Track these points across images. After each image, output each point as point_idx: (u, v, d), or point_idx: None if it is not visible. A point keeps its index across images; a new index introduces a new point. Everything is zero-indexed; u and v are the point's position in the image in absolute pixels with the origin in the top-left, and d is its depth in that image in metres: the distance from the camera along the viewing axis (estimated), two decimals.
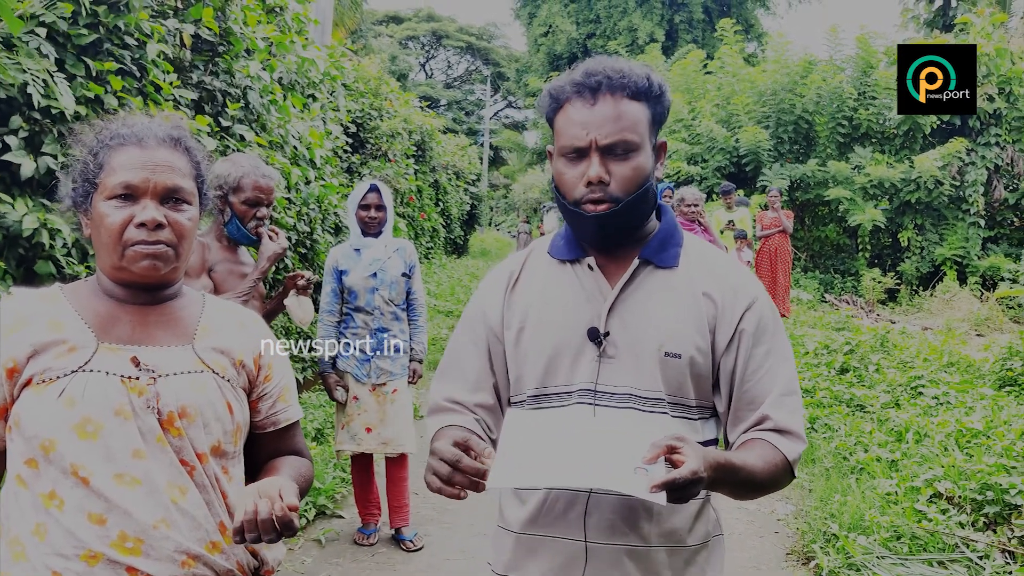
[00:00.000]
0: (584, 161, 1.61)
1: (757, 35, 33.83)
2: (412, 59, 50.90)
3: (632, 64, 1.65)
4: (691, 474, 1.35)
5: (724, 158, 16.97)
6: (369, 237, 4.45)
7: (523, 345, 1.71)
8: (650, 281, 1.68)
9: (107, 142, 1.61)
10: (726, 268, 1.72)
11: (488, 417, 1.76)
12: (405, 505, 4.62)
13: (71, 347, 1.54)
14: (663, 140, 1.71)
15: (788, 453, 1.61)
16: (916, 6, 19.63)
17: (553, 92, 1.66)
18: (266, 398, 1.74)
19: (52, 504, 1.48)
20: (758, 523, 5.07)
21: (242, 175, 3.26)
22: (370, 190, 4.41)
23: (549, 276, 1.74)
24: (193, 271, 3.18)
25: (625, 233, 1.68)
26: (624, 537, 1.62)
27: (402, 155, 11.66)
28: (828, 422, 6.37)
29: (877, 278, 15.56)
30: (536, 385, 1.69)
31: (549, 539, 1.66)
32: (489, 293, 1.80)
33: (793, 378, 1.68)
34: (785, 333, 1.73)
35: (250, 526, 1.43)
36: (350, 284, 4.42)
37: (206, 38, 4.44)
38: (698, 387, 1.66)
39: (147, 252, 1.55)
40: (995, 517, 4.29)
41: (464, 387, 1.78)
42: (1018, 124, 15.84)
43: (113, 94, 3.55)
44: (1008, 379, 7.38)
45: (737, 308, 1.66)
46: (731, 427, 1.69)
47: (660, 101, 1.65)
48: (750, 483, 1.56)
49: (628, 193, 1.60)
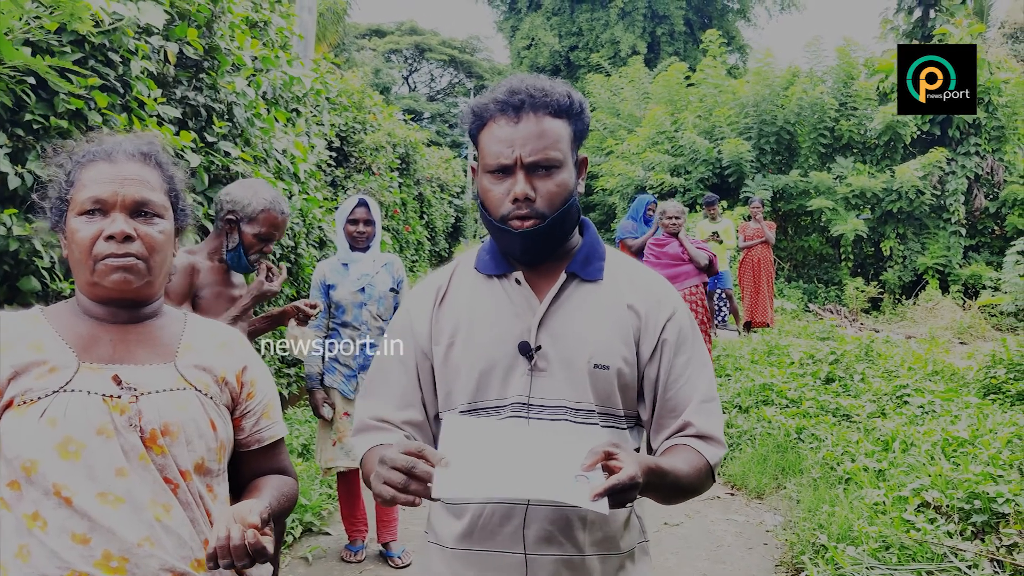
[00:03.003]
0: (509, 178, 1.63)
1: (738, 47, 34.08)
2: (395, 72, 51.00)
3: (553, 82, 1.68)
4: (629, 479, 1.37)
5: (707, 169, 17.04)
6: (357, 252, 4.42)
7: (453, 361, 1.72)
8: (577, 294, 1.72)
9: (79, 160, 1.63)
10: (647, 280, 1.78)
11: (417, 434, 1.76)
12: (393, 520, 4.59)
13: (52, 367, 1.53)
14: (584, 156, 1.76)
15: (710, 457, 1.68)
16: (895, 17, 19.78)
17: (476, 109, 1.68)
18: (249, 415, 1.73)
19: (35, 525, 1.47)
20: (746, 535, 5.07)
21: (261, 208, 3.18)
22: (358, 205, 4.39)
23: (477, 291, 1.76)
24: (177, 296, 3.08)
25: (550, 250, 1.71)
26: (560, 547, 1.65)
27: (386, 168, 11.66)
28: (815, 432, 6.38)
29: (860, 287, 15.65)
30: (468, 400, 1.70)
31: (486, 553, 1.67)
32: (416, 308, 1.80)
33: (712, 385, 1.74)
34: (703, 342, 1.79)
35: (223, 552, 1.43)
36: (337, 299, 4.38)
37: (190, 55, 4.43)
38: (625, 397, 1.70)
39: (117, 265, 1.55)
40: (983, 526, 4.30)
41: (391, 404, 1.77)
42: (997, 134, 16.01)
43: (97, 111, 3.53)
44: (992, 387, 7.41)
45: (660, 319, 1.71)
46: (654, 434, 1.74)
47: (580, 118, 1.69)
48: (677, 487, 1.60)
49: (554, 209, 1.64)
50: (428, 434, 1.78)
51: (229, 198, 3.22)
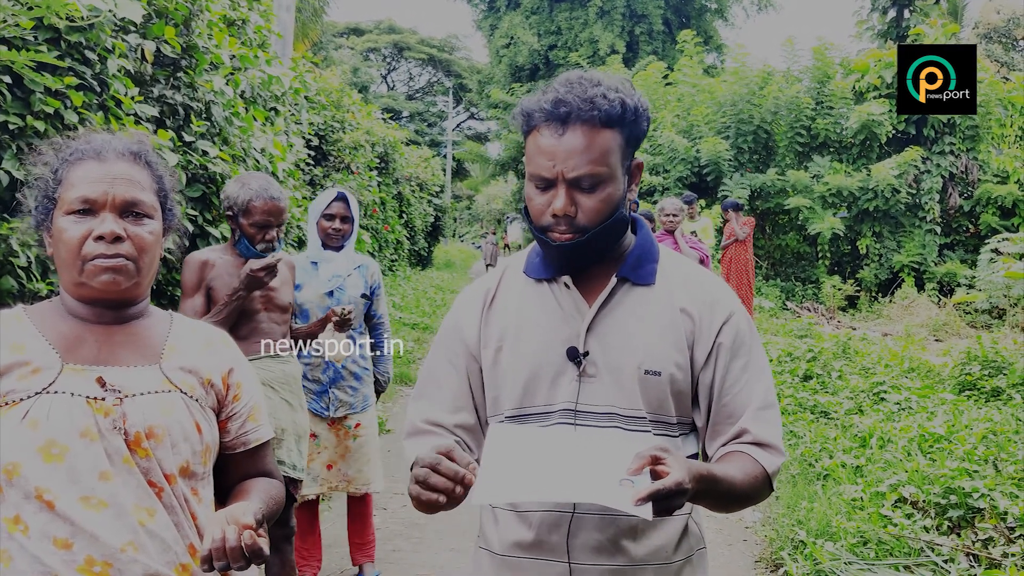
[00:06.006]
0: (551, 191, 1.58)
1: (716, 46, 34.21)
2: (374, 71, 50.80)
3: (609, 85, 1.58)
4: (676, 485, 1.33)
5: (685, 168, 17.11)
6: (329, 250, 4.01)
7: (501, 366, 1.69)
8: (628, 299, 1.66)
9: (67, 158, 1.59)
10: (702, 282, 1.71)
11: (469, 438, 1.73)
12: (369, 542, 4.29)
13: (34, 368, 1.51)
14: (639, 160, 1.68)
15: (768, 465, 1.61)
16: (870, 17, 19.98)
17: (526, 111, 1.61)
18: (235, 418, 1.72)
19: (17, 529, 1.45)
20: (726, 531, 5.10)
21: (251, 198, 3.28)
22: (336, 199, 3.98)
23: (525, 295, 1.72)
24: (188, 289, 3.27)
25: (592, 259, 1.66)
26: (609, 557, 1.60)
27: (365, 167, 11.62)
28: (793, 429, 6.44)
29: (837, 285, 15.79)
30: (515, 406, 1.66)
31: (531, 561, 1.65)
32: (465, 311, 1.77)
33: (771, 391, 1.68)
34: (761, 346, 1.72)
35: (218, 554, 1.41)
36: (301, 301, 3.90)
37: (168, 54, 4.39)
38: (678, 404, 1.65)
39: (106, 266, 1.52)
40: (959, 521, 4.35)
41: (443, 408, 1.74)
42: (971, 133, 16.20)
43: (73, 109, 3.50)
44: (967, 383, 7.51)
45: (715, 323, 1.65)
46: (710, 441, 1.68)
47: (636, 124, 1.60)
48: (731, 495, 1.55)
49: (595, 224, 1.58)
50: (480, 438, 1.73)
51: (225, 195, 3.35)
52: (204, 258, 3.34)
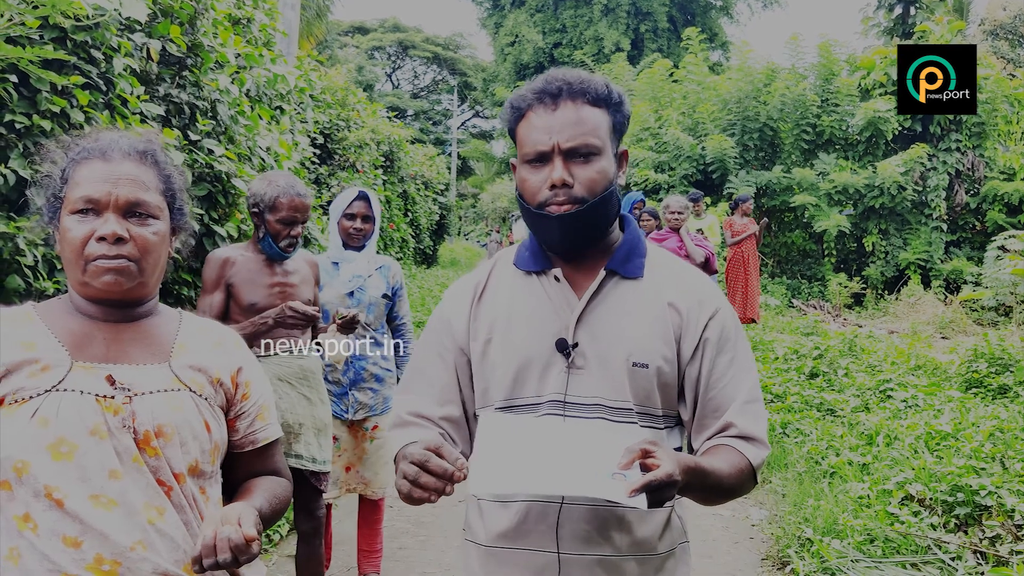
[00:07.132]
0: (547, 166, 1.62)
1: (721, 44, 34.20)
2: (378, 69, 50.82)
3: (591, 74, 1.67)
4: (667, 476, 1.36)
5: (691, 166, 17.07)
6: (351, 250, 3.93)
7: (490, 357, 1.71)
8: (617, 292, 1.69)
9: (74, 157, 1.59)
10: (690, 278, 1.75)
11: (454, 431, 1.75)
12: (377, 551, 4.19)
13: (44, 366, 1.51)
14: (624, 149, 1.72)
15: (753, 459, 1.64)
16: (876, 14, 19.92)
17: (515, 102, 1.68)
18: (244, 417, 1.72)
19: (26, 527, 1.45)
20: (733, 529, 5.09)
21: (277, 194, 3.35)
22: (358, 198, 3.89)
23: (515, 287, 1.74)
24: (208, 285, 3.34)
25: (590, 240, 1.69)
26: (597, 547, 1.63)
27: (370, 166, 11.62)
28: (799, 427, 6.43)
29: (843, 283, 15.74)
30: (504, 397, 1.68)
31: (519, 551, 1.67)
32: (454, 304, 1.79)
33: (756, 385, 1.71)
34: (747, 341, 1.76)
35: (207, 552, 1.41)
36: (322, 301, 3.81)
37: (173, 53, 4.40)
38: (664, 396, 1.68)
39: (108, 267, 1.52)
40: (966, 518, 4.34)
41: (430, 400, 1.76)
42: (977, 130, 16.14)
43: (79, 108, 3.50)
44: (974, 381, 7.49)
45: (701, 318, 1.68)
46: (696, 434, 1.71)
47: (620, 109, 1.67)
48: (718, 487, 1.58)
49: (592, 195, 1.62)
50: (465, 431, 1.77)
51: (251, 192, 3.43)
52: (225, 255, 3.39)
